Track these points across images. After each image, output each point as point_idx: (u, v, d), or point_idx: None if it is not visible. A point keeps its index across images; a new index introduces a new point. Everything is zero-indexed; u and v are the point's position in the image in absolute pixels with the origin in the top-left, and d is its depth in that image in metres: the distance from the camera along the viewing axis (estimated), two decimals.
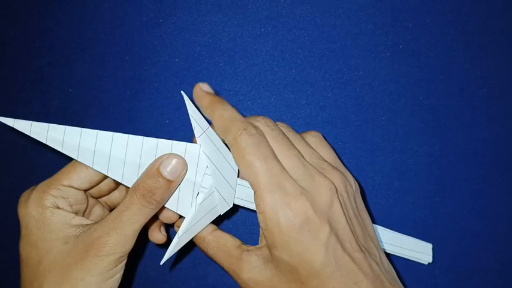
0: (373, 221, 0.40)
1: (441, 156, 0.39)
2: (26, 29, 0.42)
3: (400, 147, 0.39)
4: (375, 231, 0.32)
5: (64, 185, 0.31)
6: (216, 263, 0.32)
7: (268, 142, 0.30)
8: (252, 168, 0.29)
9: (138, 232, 0.30)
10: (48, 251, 0.30)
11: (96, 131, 0.29)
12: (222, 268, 0.32)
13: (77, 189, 0.32)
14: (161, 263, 0.31)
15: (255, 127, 0.30)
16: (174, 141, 0.30)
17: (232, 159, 0.30)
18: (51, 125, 0.29)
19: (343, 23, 0.39)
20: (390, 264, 0.32)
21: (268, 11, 0.40)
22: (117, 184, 0.35)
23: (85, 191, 0.33)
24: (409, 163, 0.39)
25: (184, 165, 0.30)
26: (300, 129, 0.40)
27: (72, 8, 0.41)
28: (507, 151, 0.39)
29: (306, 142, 0.32)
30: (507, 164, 0.39)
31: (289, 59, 0.40)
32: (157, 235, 0.35)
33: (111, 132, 0.30)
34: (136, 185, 0.30)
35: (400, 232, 0.37)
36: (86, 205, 0.33)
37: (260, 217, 0.29)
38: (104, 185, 0.34)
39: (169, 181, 0.30)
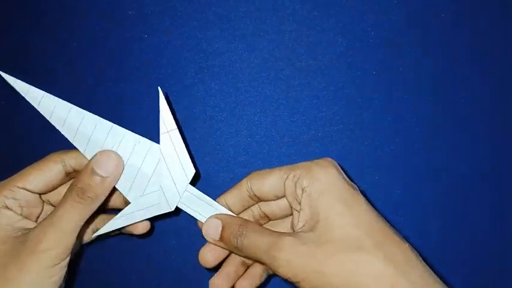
0: None
1: (427, 173, 0.39)
2: (9, 44, 0.41)
3: (387, 164, 0.39)
4: None
5: (18, 187, 0.31)
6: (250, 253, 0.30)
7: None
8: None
9: (76, 228, 0.30)
10: None
11: (84, 111, 0.33)
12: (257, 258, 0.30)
13: (31, 191, 0.32)
14: (92, 236, 0.33)
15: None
16: (154, 143, 0.33)
17: (189, 167, 0.32)
18: (45, 93, 0.32)
19: (330, 40, 0.39)
20: None
21: (255, 28, 0.39)
22: None
23: (40, 195, 0.33)
24: (396, 181, 0.39)
25: (118, 161, 0.31)
26: (285, 146, 0.39)
27: (56, 23, 0.40)
28: (495, 163, 0.39)
29: None
30: (496, 175, 0.39)
31: (275, 76, 0.39)
32: (138, 226, 0.35)
33: (97, 117, 0.33)
34: (72, 182, 0.31)
35: None
36: (39, 209, 0.33)
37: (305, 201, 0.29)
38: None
39: (102, 177, 0.31)
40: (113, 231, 0.33)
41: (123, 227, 0.33)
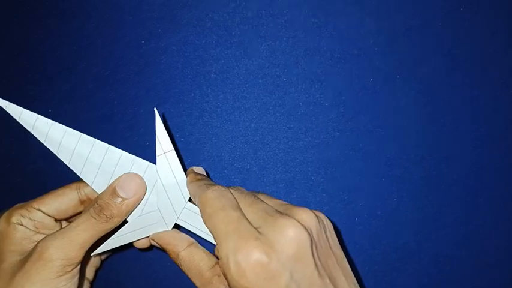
0: (356, 252, 0.39)
1: (423, 183, 0.39)
2: (7, 47, 0.41)
3: (382, 173, 0.39)
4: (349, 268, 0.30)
5: (34, 208, 0.33)
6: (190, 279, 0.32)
7: (231, 194, 0.29)
8: (211, 219, 0.27)
9: (86, 243, 0.31)
10: (3, 261, 0.31)
11: (79, 133, 0.33)
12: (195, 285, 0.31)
13: (46, 214, 0.33)
14: (91, 255, 0.32)
15: (219, 185, 0.30)
16: (150, 163, 0.33)
17: (186, 187, 0.33)
18: (39, 116, 0.33)
19: (327, 47, 0.39)
20: None
21: (252, 34, 0.39)
22: None
23: (55, 219, 0.34)
24: (391, 189, 0.39)
25: (142, 186, 0.32)
26: (282, 152, 0.39)
27: (55, 27, 0.41)
28: (494, 168, 0.39)
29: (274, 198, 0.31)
30: (490, 190, 0.39)
31: (272, 82, 0.39)
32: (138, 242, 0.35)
33: (93, 139, 0.33)
34: (93, 199, 0.32)
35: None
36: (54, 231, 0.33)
37: (219, 263, 0.28)
38: None
39: (123, 199, 0.31)
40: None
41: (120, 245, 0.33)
